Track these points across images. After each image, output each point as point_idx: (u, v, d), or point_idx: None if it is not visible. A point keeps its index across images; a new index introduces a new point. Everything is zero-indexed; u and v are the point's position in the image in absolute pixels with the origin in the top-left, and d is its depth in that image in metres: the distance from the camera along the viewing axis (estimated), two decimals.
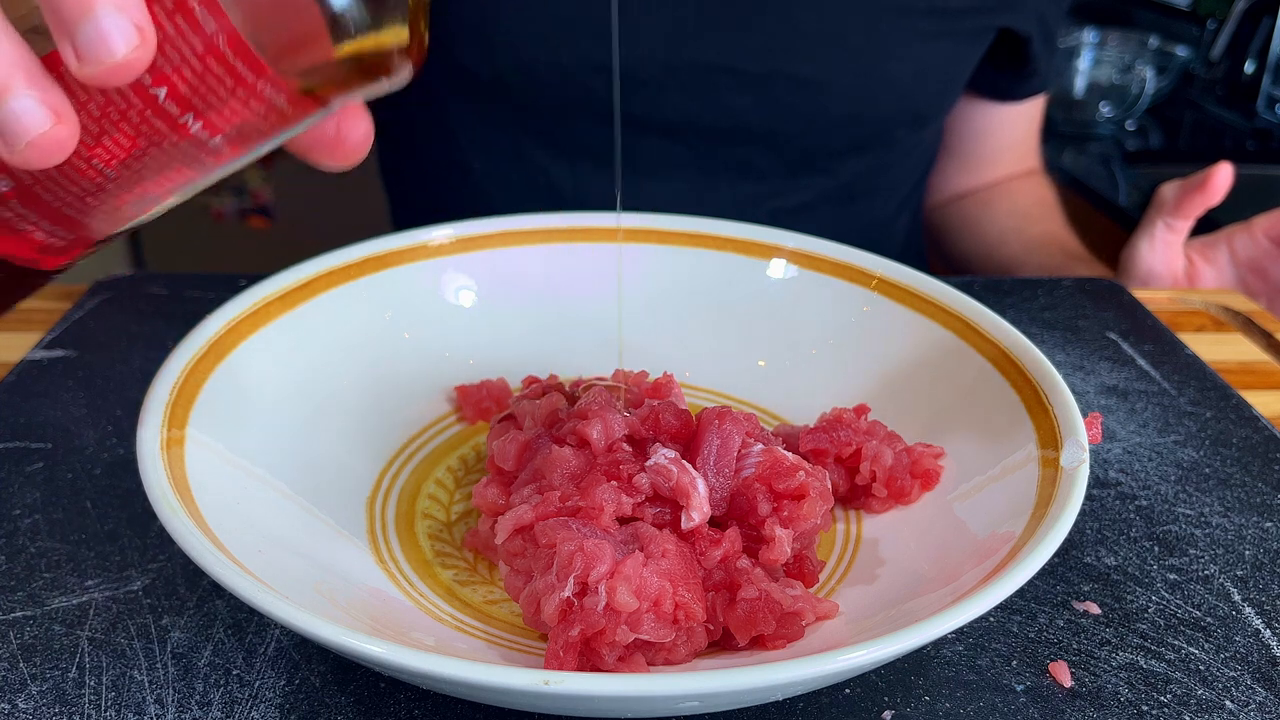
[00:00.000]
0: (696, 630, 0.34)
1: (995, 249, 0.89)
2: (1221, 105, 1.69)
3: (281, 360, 0.45)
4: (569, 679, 0.27)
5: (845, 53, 0.73)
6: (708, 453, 0.38)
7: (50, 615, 0.38)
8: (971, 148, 0.93)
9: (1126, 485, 0.47)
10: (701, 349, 0.52)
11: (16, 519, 0.43)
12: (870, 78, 0.75)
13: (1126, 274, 0.74)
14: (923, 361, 0.47)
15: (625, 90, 0.72)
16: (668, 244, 0.54)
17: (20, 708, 0.34)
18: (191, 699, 0.34)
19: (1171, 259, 0.73)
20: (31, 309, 0.62)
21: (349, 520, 0.41)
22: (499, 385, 0.49)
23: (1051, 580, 0.41)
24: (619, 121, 0.70)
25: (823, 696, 0.35)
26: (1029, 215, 0.90)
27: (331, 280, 0.48)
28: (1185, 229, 0.72)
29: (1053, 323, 0.63)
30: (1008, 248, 0.88)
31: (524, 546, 0.37)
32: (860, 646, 0.28)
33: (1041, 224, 0.89)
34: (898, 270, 0.50)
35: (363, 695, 0.35)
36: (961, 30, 0.77)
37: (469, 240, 0.52)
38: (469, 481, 0.46)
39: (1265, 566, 0.42)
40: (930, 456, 0.42)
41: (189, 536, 0.31)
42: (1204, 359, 0.59)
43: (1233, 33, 1.66)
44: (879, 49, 0.74)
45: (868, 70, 0.74)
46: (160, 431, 0.36)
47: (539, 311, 0.53)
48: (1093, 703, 0.35)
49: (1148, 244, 0.73)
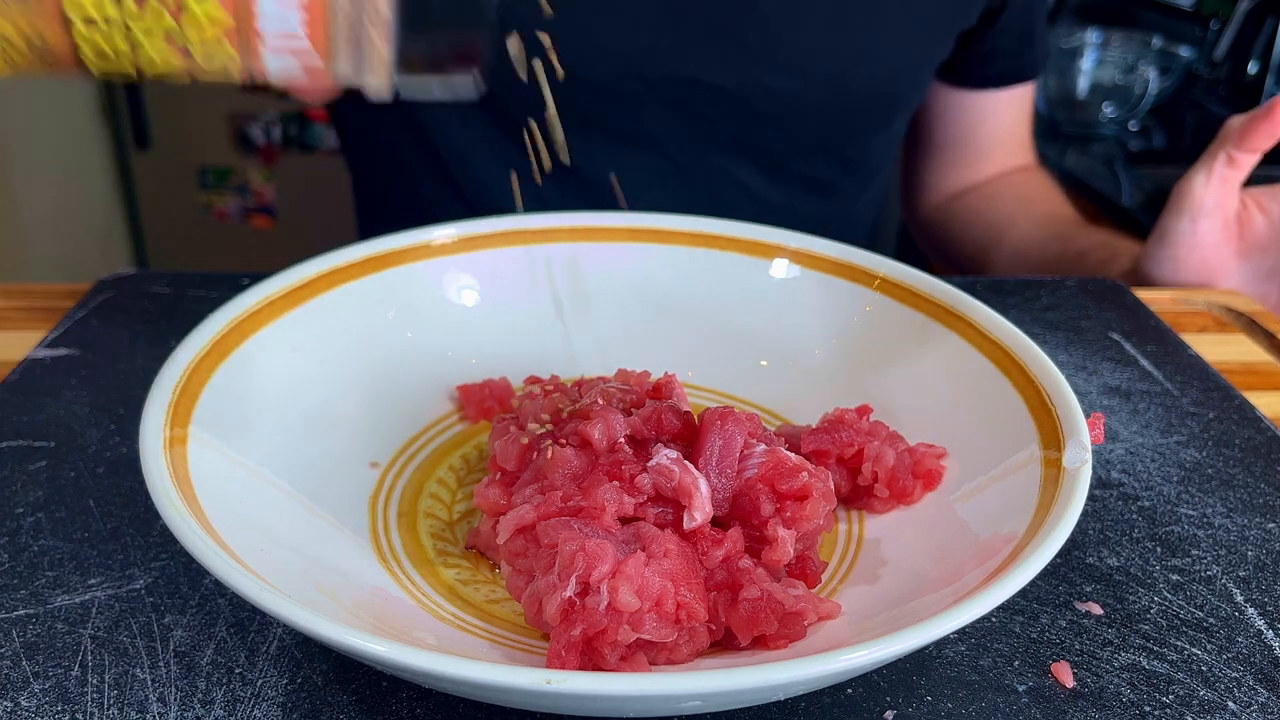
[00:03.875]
0: (698, 630, 0.34)
1: (1005, 230, 0.89)
2: (1225, 105, 1.69)
3: (284, 359, 0.45)
4: (571, 678, 0.27)
5: (819, 64, 0.75)
6: (710, 453, 0.38)
7: (53, 613, 0.38)
8: (962, 142, 0.93)
9: (1129, 486, 0.47)
10: (704, 349, 0.52)
11: (19, 517, 0.43)
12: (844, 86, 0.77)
13: (1176, 210, 0.70)
14: (925, 361, 0.47)
15: (606, 104, 0.74)
16: (670, 243, 0.54)
17: (23, 705, 0.34)
18: (194, 697, 0.34)
19: (1226, 198, 0.69)
20: (34, 307, 0.62)
21: (351, 519, 0.41)
22: (501, 384, 0.49)
23: (1054, 581, 0.41)
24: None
25: (825, 696, 0.35)
26: (1034, 198, 0.91)
27: (334, 279, 0.48)
28: (1248, 165, 0.68)
29: (1055, 323, 0.63)
30: (1017, 228, 0.88)
31: (526, 546, 0.37)
32: (862, 646, 0.28)
33: (1047, 204, 0.90)
34: (900, 270, 0.50)
35: (365, 694, 0.35)
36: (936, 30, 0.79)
37: (471, 240, 0.52)
38: (471, 481, 0.46)
39: (1268, 567, 0.42)
40: (932, 457, 0.42)
41: (191, 535, 0.31)
42: (1207, 359, 0.59)
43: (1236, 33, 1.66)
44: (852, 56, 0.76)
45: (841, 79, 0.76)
46: (163, 430, 0.36)
47: (541, 311, 0.53)
48: (1095, 703, 0.35)
49: (1204, 178, 0.69)
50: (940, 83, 0.89)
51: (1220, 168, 0.68)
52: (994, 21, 0.84)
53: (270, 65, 0.32)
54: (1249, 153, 0.68)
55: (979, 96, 0.90)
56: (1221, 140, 0.68)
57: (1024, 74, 0.89)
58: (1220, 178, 0.69)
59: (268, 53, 0.31)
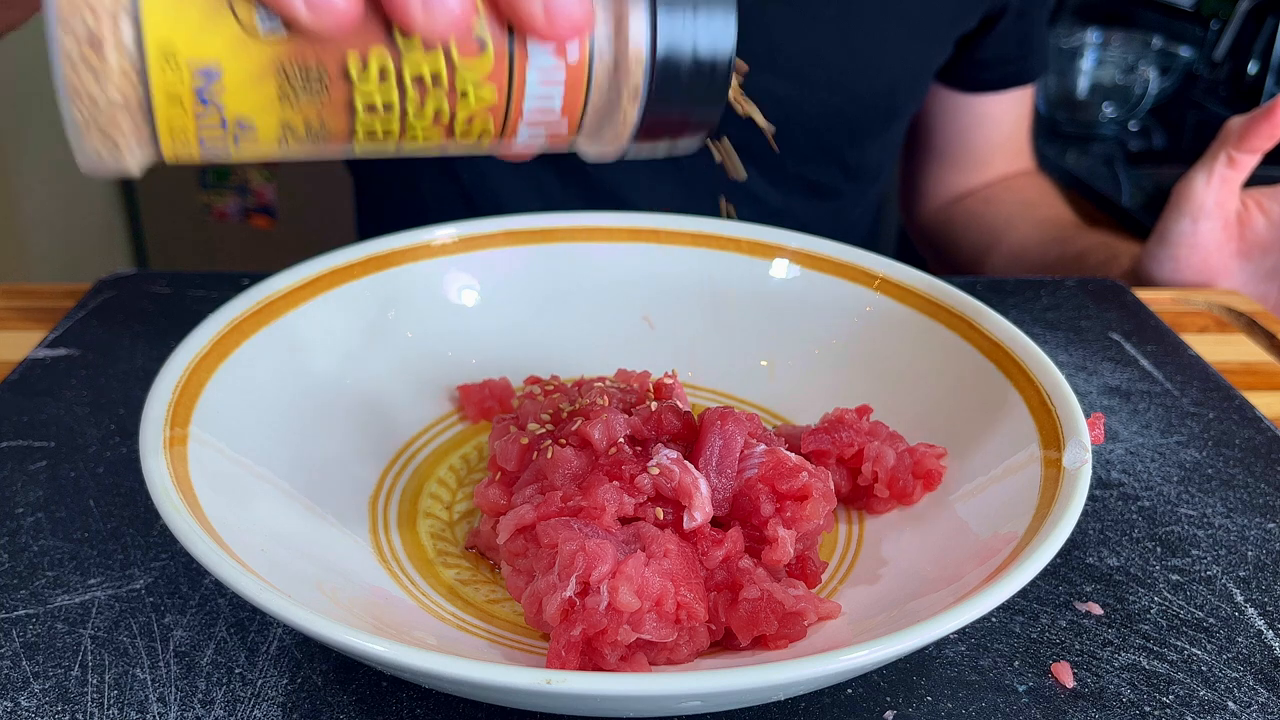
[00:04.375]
0: (698, 630, 0.34)
1: (1004, 233, 0.89)
2: (1225, 106, 1.68)
3: (284, 359, 0.45)
4: (571, 678, 0.27)
5: (819, 70, 0.76)
6: (710, 453, 0.38)
7: (53, 613, 0.38)
8: (961, 146, 0.93)
9: (1129, 486, 0.47)
10: (704, 349, 0.52)
11: (19, 517, 0.43)
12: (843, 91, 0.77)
13: (1176, 210, 0.71)
14: (925, 362, 0.47)
15: None
16: (670, 244, 0.54)
17: (23, 706, 0.34)
18: (194, 697, 0.34)
19: (1227, 198, 0.69)
20: (34, 308, 0.62)
21: (351, 519, 0.41)
22: (501, 384, 0.49)
23: (1054, 581, 0.41)
24: None
25: (825, 696, 0.35)
26: (1033, 202, 0.91)
27: (334, 279, 0.48)
28: (1247, 166, 0.68)
29: (1055, 323, 0.63)
30: (1016, 231, 0.88)
31: (526, 546, 0.37)
32: (862, 647, 0.28)
33: (1047, 208, 0.90)
34: (900, 270, 0.50)
35: (365, 694, 0.35)
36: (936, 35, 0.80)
37: (472, 240, 0.52)
38: (471, 481, 0.46)
39: (1268, 567, 0.42)
40: (932, 457, 0.42)
41: (192, 535, 0.31)
42: (1207, 360, 0.59)
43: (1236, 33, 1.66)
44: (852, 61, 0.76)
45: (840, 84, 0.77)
46: (163, 430, 0.36)
47: (541, 311, 0.53)
48: (1095, 703, 0.35)
49: (1204, 178, 0.69)
50: (940, 86, 0.90)
51: (1220, 168, 0.68)
52: (993, 26, 0.84)
53: (520, 137, 0.33)
54: (1249, 153, 0.67)
55: (978, 100, 0.90)
56: (1221, 141, 0.68)
57: (1023, 78, 0.89)
58: (1220, 178, 0.68)
59: (523, 126, 0.32)
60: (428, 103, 0.30)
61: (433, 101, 0.30)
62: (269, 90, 0.30)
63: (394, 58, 0.29)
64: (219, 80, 0.29)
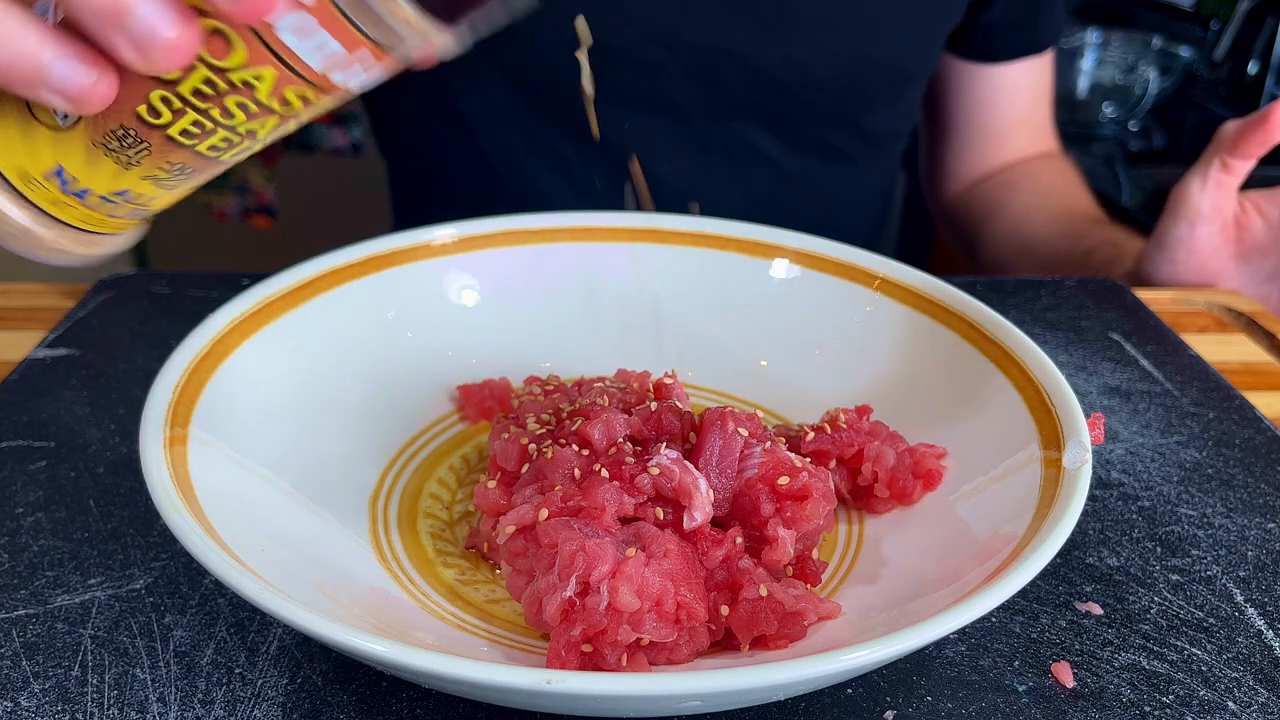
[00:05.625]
0: (698, 630, 0.34)
1: (1021, 224, 0.89)
2: (1225, 106, 1.69)
3: (284, 359, 0.45)
4: (571, 678, 0.27)
5: (831, 34, 0.76)
6: (710, 453, 0.38)
7: (53, 613, 0.38)
8: (979, 121, 0.93)
9: (1129, 486, 0.47)
10: (704, 349, 0.52)
11: (19, 517, 0.43)
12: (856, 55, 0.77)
13: (1173, 215, 0.71)
14: (925, 362, 0.47)
15: (627, 71, 0.75)
16: (670, 244, 0.54)
17: (23, 705, 0.34)
18: (194, 697, 0.34)
19: (1223, 202, 0.69)
20: (35, 307, 0.62)
21: (351, 519, 0.41)
22: (501, 384, 0.49)
23: (1054, 581, 0.41)
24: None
25: (825, 696, 0.35)
26: (1052, 193, 0.90)
27: (334, 279, 0.48)
28: (1242, 171, 0.68)
29: (1055, 323, 0.63)
30: (1032, 223, 0.88)
31: (526, 546, 0.37)
32: (862, 647, 0.28)
33: (1064, 199, 0.89)
34: (900, 270, 0.50)
35: (365, 694, 0.35)
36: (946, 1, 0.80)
37: (471, 240, 0.52)
38: (471, 481, 0.46)
39: (1268, 568, 0.42)
40: (932, 457, 0.42)
41: (191, 535, 0.31)
42: (1207, 360, 0.59)
43: (1236, 33, 1.66)
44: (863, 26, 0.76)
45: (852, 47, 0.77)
46: (163, 430, 0.36)
47: (541, 311, 0.53)
48: (1095, 703, 0.35)
49: (1200, 183, 0.68)
50: (954, 58, 0.89)
51: (1215, 173, 0.68)
52: None
53: (341, 82, 0.32)
54: (1242, 159, 0.67)
55: (992, 72, 0.89)
56: (1215, 146, 0.68)
57: (1034, 46, 0.89)
58: (1216, 183, 0.68)
59: (331, 75, 0.32)
60: (230, 105, 0.31)
61: (232, 101, 0.31)
62: (108, 162, 0.32)
63: (168, 89, 0.30)
64: (68, 173, 0.32)
